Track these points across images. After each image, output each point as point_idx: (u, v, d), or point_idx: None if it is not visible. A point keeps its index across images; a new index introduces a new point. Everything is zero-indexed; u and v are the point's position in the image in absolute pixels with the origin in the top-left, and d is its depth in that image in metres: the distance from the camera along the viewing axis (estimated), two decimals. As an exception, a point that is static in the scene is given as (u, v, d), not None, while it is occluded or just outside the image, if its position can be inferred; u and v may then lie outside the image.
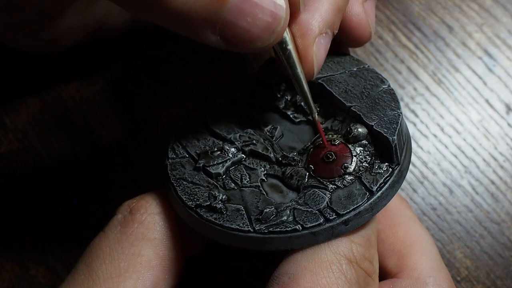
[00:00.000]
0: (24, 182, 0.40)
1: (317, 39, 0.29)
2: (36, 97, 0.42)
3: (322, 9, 0.29)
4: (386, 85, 0.30)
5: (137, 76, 0.43)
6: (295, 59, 0.29)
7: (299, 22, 0.29)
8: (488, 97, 0.42)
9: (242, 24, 0.25)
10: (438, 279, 0.30)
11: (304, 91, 0.29)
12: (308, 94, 0.29)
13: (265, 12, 0.25)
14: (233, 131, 0.31)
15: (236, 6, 0.25)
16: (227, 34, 0.26)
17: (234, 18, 0.25)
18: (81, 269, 0.28)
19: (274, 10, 0.26)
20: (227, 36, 0.26)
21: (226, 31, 0.26)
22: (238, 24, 0.25)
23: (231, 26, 0.25)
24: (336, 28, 0.30)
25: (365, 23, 0.32)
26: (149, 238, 0.29)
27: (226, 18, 0.25)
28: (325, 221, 0.27)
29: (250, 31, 0.26)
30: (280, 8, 0.26)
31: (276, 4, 0.26)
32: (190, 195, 0.29)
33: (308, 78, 0.30)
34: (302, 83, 0.29)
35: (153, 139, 0.41)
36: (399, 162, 0.28)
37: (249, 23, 0.25)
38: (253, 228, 0.27)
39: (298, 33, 0.29)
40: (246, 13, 0.25)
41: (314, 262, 0.27)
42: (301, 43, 0.29)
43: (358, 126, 0.29)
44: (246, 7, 0.25)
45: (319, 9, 0.29)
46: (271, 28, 0.26)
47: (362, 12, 0.32)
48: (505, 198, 0.40)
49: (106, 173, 0.40)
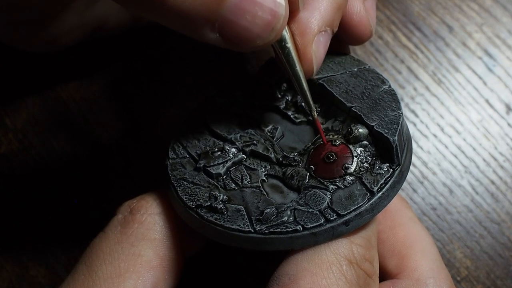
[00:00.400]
0: (24, 182, 0.40)
1: (316, 37, 0.29)
2: (36, 97, 0.42)
3: (321, 7, 0.29)
4: (386, 86, 0.30)
5: (137, 76, 0.43)
6: (294, 58, 0.29)
7: (298, 20, 0.29)
8: (488, 97, 0.42)
9: (242, 22, 0.25)
10: (438, 280, 0.30)
11: (304, 90, 0.29)
12: (308, 93, 0.29)
13: (264, 10, 0.25)
14: (234, 131, 0.31)
15: (236, 4, 0.25)
16: (226, 32, 0.26)
17: (234, 16, 0.25)
18: (81, 269, 0.28)
19: (274, 8, 0.26)
20: (226, 34, 0.26)
21: (225, 29, 0.25)
22: (238, 22, 0.25)
23: (230, 24, 0.25)
24: (336, 26, 0.30)
25: (365, 21, 0.32)
26: (149, 239, 0.29)
27: (225, 16, 0.25)
28: (325, 221, 0.27)
29: (249, 29, 0.26)
30: (280, 6, 0.26)
31: (276, 2, 0.26)
32: (191, 196, 0.29)
33: (308, 76, 0.30)
34: (302, 81, 0.29)
35: (153, 139, 0.41)
36: (399, 162, 0.28)
37: (249, 21, 0.25)
38: (254, 228, 0.27)
39: (297, 31, 0.29)
40: (245, 11, 0.25)
41: (314, 263, 0.27)
42: (300, 41, 0.29)
43: (359, 127, 0.29)
44: (245, 5, 0.25)
45: (318, 7, 0.29)
46: (270, 26, 0.26)
47: (363, 10, 0.32)
48: (505, 198, 0.40)
49: (106, 173, 0.40)
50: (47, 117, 0.42)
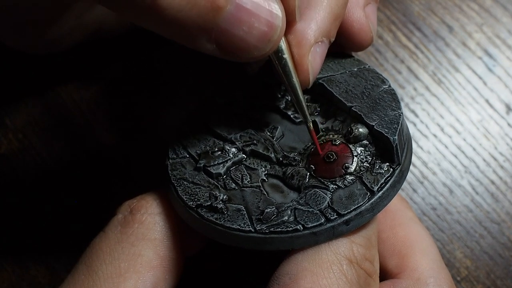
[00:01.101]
0: (24, 182, 0.40)
1: (313, 48, 0.29)
2: (36, 97, 0.42)
3: (318, 17, 0.29)
4: (386, 85, 0.30)
5: (137, 76, 0.43)
6: (291, 68, 0.29)
7: (295, 31, 0.29)
8: (488, 97, 0.42)
9: (238, 33, 0.25)
10: (438, 280, 0.30)
11: (300, 100, 0.29)
12: (303, 103, 0.29)
13: (261, 21, 0.25)
14: (234, 131, 0.31)
15: (232, 15, 0.25)
16: (223, 42, 0.26)
17: (230, 26, 0.25)
18: (81, 269, 0.28)
19: (270, 19, 0.26)
20: (223, 45, 0.26)
21: (222, 40, 0.26)
22: (234, 32, 0.25)
23: (226, 34, 0.25)
24: (333, 36, 0.30)
25: (366, 28, 0.32)
26: (149, 238, 0.29)
27: (222, 27, 0.25)
28: (326, 221, 0.27)
29: (246, 40, 0.26)
30: (277, 17, 0.26)
31: (272, 13, 0.26)
32: (191, 195, 0.29)
33: (304, 86, 0.29)
34: (298, 92, 0.29)
35: (153, 139, 0.41)
36: (400, 162, 0.28)
37: (245, 32, 0.25)
38: (254, 228, 0.27)
39: (294, 42, 0.29)
40: (242, 22, 0.25)
41: (314, 262, 0.27)
42: (296, 52, 0.29)
43: (359, 126, 0.29)
44: (242, 16, 0.25)
45: (315, 17, 0.29)
46: (267, 37, 0.26)
47: (363, 17, 0.32)
48: (505, 198, 0.40)
49: (106, 173, 0.40)
50: (47, 117, 0.42)
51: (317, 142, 0.30)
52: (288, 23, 0.28)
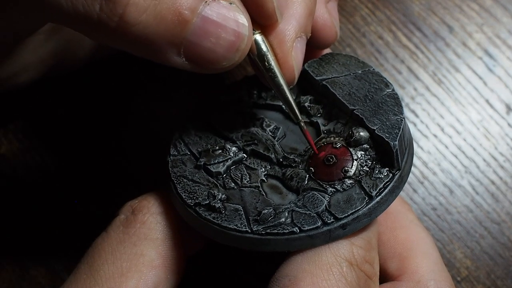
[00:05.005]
0: (24, 182, 0.40)
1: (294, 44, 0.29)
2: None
3: (297, 14, 0.29)
4: (390, 89, 0.30)
5: (137, 76, 0.42)
6: (275, 69, 0.29)
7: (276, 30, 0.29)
8: (488, 97, 0.42)
9: (206, 45, 0.26)
10: (439, 282, 0.30)
11: (288, 99, 0.29)
12: (292, 101, 0.29)
13: (228, 32, 0.26)
14: (236, 130, 0.31)
15: (199, 27, 0.25)
16: (192, 55, 0.26)
17: (198, 39, 0.25)
18: (83, 269, 0.28)
19: (237, 29, 0.26)
20: (192, 57, 0.26)
21: (191, 52, 0.26)
22: (202, 44, 0.26)
23: (195, 47, 0.26)
24: (309, 31, 0.30)
25: (330, 24, 0.32)
26: (151, 238, 0.29)
27: (190, 39, 0.25)
28: (322, 224, 0.27)
29: (214, 51, 0.26)
30: (243, 27, 0.26)
31: (239, 23, 0.26)
32: (190, 193, 0.29)
33: (290, 83, 0.30)
34: (285, 91, 0.29)
35: (153, 139, 0.41)
36: (399, 167, 0.28)
37: (213, 43, 0.26)
38: (251, 228, 0.27)
39: (275, 41, 0.29)
40: (209, 33, 0.25)
41: (314, 264, 0.27)
42: (280, 51, 0.29)
43: (360, 130, 0.29)
44: (209, 27, 0.25)
45: (293, 14, 0.29)
46: (235, 47, 0.26)
47: (326, 13, 0.32)
48: (505, 198, 0.40)
49: (106, 173, 0.40)
50: (47, 117, 0.42)
51: (312, 140, 0.30)
52: (271, 25, 0.28)
